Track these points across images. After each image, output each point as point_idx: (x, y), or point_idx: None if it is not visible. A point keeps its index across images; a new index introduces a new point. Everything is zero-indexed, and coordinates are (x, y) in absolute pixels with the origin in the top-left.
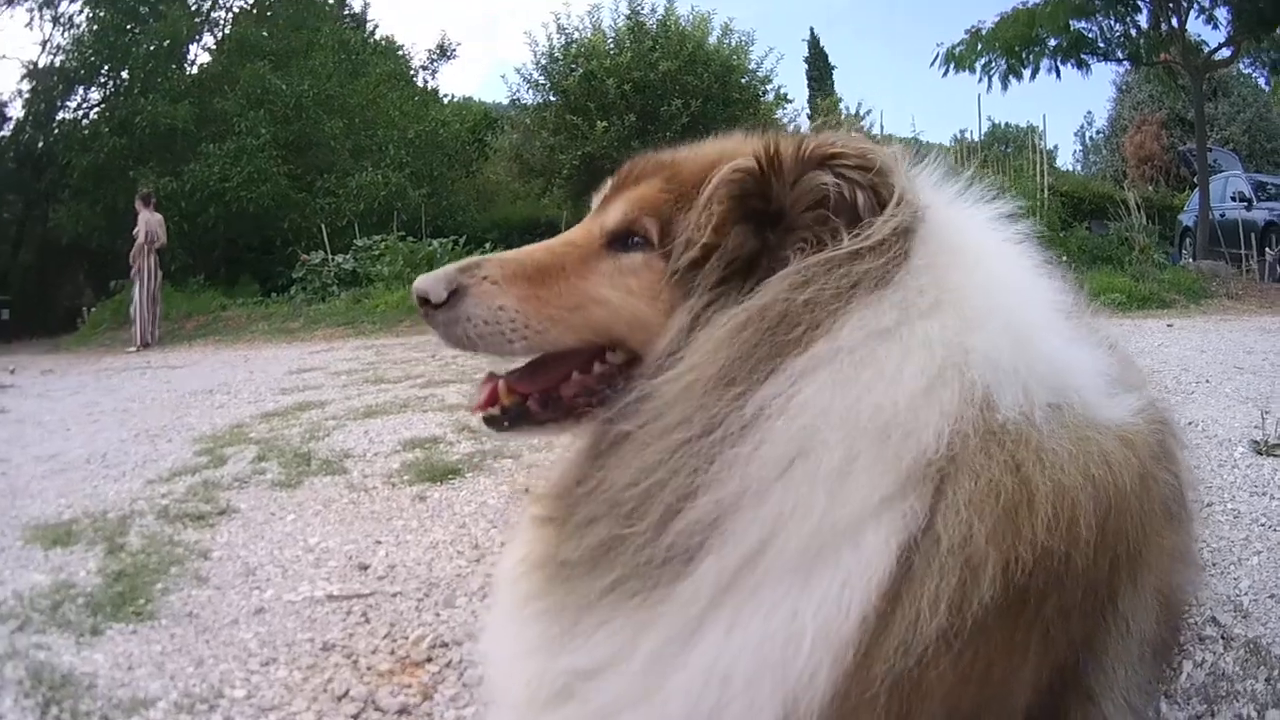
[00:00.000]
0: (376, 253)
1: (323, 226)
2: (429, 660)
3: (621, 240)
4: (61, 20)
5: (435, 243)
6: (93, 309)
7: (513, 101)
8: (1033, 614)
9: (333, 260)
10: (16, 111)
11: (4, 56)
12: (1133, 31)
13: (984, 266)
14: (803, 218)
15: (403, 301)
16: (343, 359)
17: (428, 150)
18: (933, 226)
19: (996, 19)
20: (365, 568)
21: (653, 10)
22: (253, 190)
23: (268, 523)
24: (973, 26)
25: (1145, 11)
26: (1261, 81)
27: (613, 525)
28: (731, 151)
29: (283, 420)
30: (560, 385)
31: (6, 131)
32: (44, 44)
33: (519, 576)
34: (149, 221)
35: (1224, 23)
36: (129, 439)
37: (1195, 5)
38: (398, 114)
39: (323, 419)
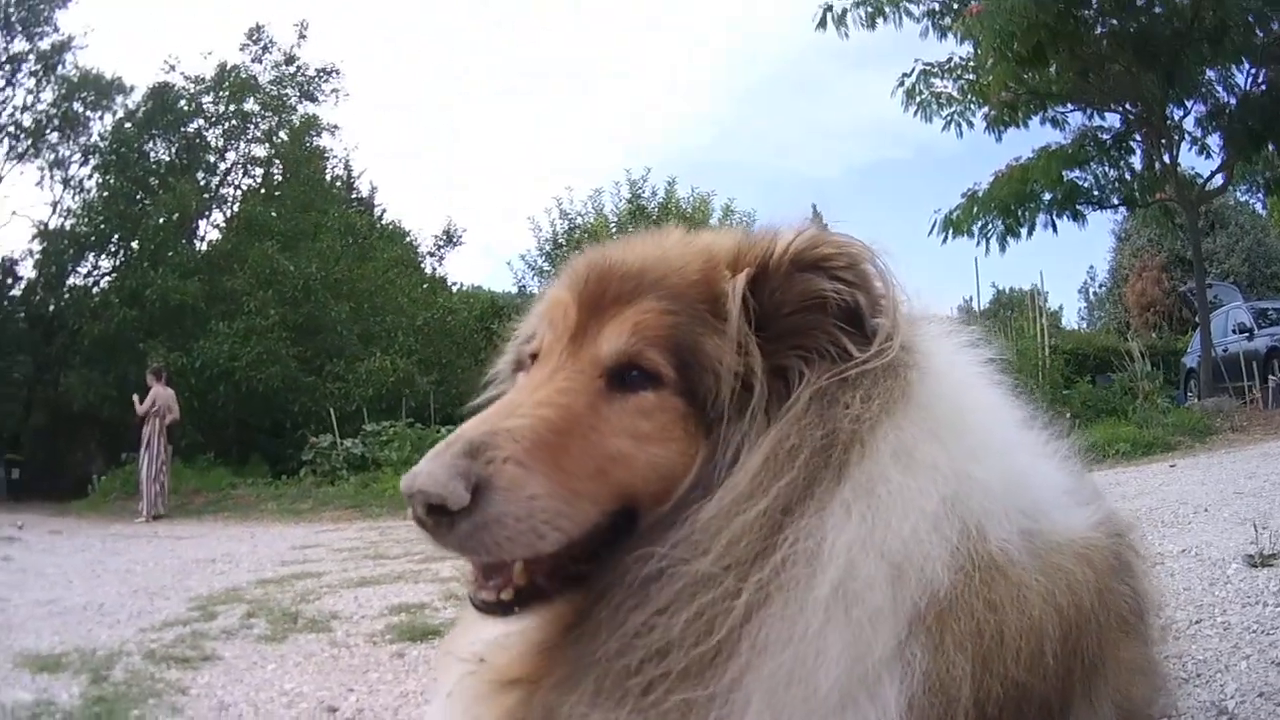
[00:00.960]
0: (385, 438)
1: (332, 410)
2: None
3: (627, 379)
4: (72, 183)
5: (444, 429)
6: (103, 477)
7: (520, 289)
8: None
9: (341, 444)
10: (27, 271)
11: (14, 214)
12: (1127, 175)
13: (970, 392)
14: (797, 322)
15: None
16: (347, 538)
17: (436, 337)
18: (930, 357)
19: (991, 179)
20: (334, 710)
21: (653, 193)
22: (262, 370)
23: (249, 669)
24: (969, 189)
25: (1138, 153)
26: (1258, 206)
27: (662, 665)
28: (712, 253)
29: (278, 586)
30: (570, 552)
31: (17, 291)
32: (54, 205)
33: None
34: (160, 395)
35: (1216, 150)
36: (128, 594)
37: (1187, 137)
38: (406, 300)
39: (317, 586)
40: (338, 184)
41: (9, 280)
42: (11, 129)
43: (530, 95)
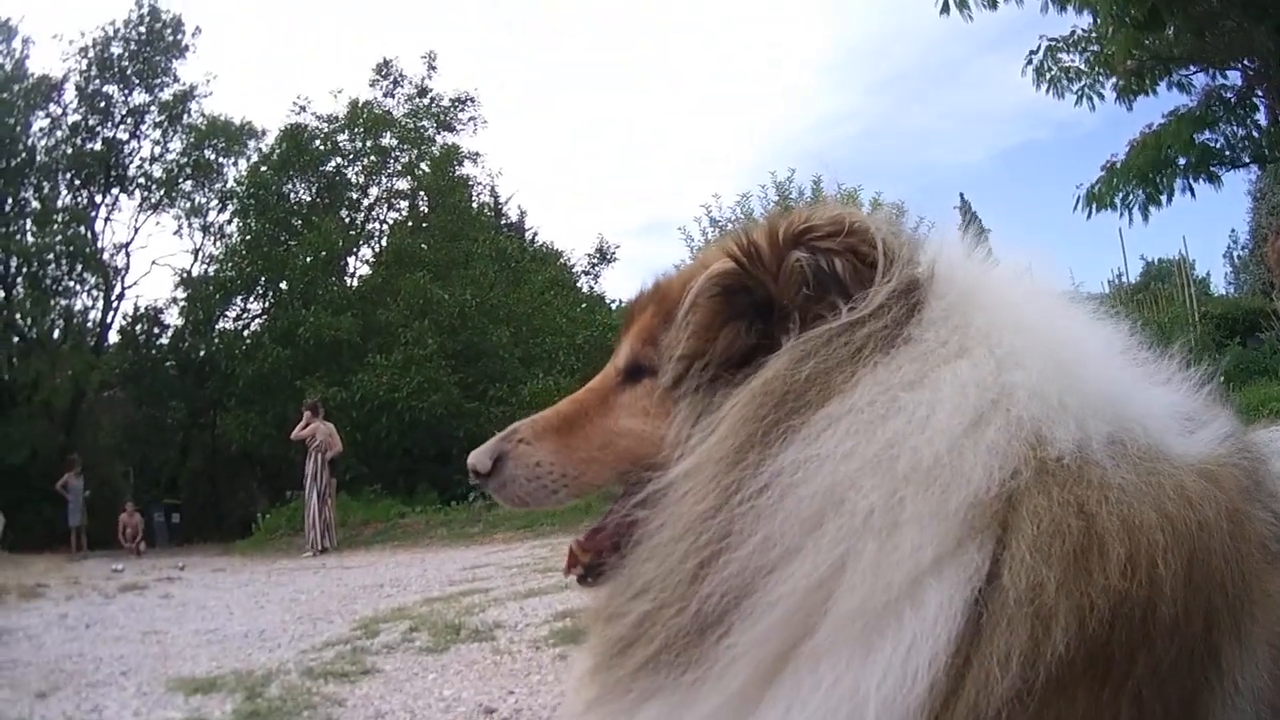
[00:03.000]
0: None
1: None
2: None
3: (634, 373)
4: (211, 229)
5: None
6: (267, 515)
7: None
8: (1120, 674)
9: None
10: (173, 319)
11: (154, 263)
12: (1254, 133)
13: (1013, 310)
14: (792, 299)
15: (580, 503)
16: (517, 556)
17: (597, 355)
18: (947, 279)
19: (1127, 149)
20: (491, 712)
21: (800, 193)
22: (424, 400)
23: (408, 680)
24: (1107, 161)
25: (1262, 109)
26: None
27: (642, 604)
28: (715, 259)
29: (444, 603)
30: (621, 527)
31: (165, 340)
32: (195, 252)
33: (581, 671)
34: (319, 430)
35: None
36: (290, 620)
37: None
38: (564, 320)
39: (484, 600)
40: (485, 211)
41: (155, 329)
42: (142, 181)
43: (669, 106)
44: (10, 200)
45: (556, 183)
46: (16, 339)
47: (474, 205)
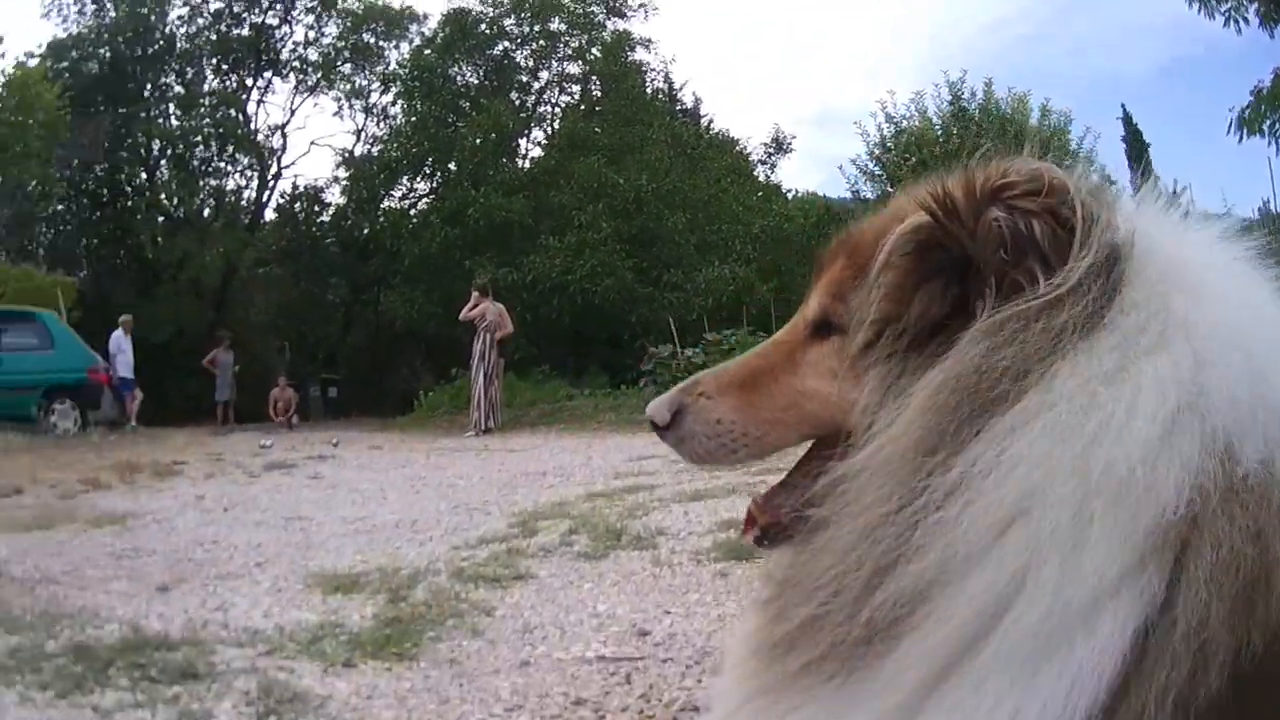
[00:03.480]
0: (726, 347)
1: (671, 320)
2: None
3: (822, 329)
4: (374, 111)
5: None
6: (429, 393)
7: (854, 194)
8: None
9: (682, 354)
10: (335, 198)
11: (313, 144)
12: None
13: (1216, 293)
14: (989, 263)
15: None
16: None
17: (773, 245)
18: (1147, 253)
19: (1271, 77)
20: (645, 634)
21: (972, 94)
22: (597, 283)
23: (562, 589)
24: (1255, 86)
25: None
26: None
27: (811, 607)
28: (906, 209)
29: (607, 500)
30: (801, 497)
31: (326, 218)
32: (357, 133)
33: (740, 655)
34: (489, 310)
35: None
36: (446, 510)
37: None
38: (740, 209)
39: (648, 500)
40: (660, 97)
41: (316, 208)
42: (296, 64)
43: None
44: (150, 86)
45: (731, 71)
46: (162, 218)
47: (647, 91)
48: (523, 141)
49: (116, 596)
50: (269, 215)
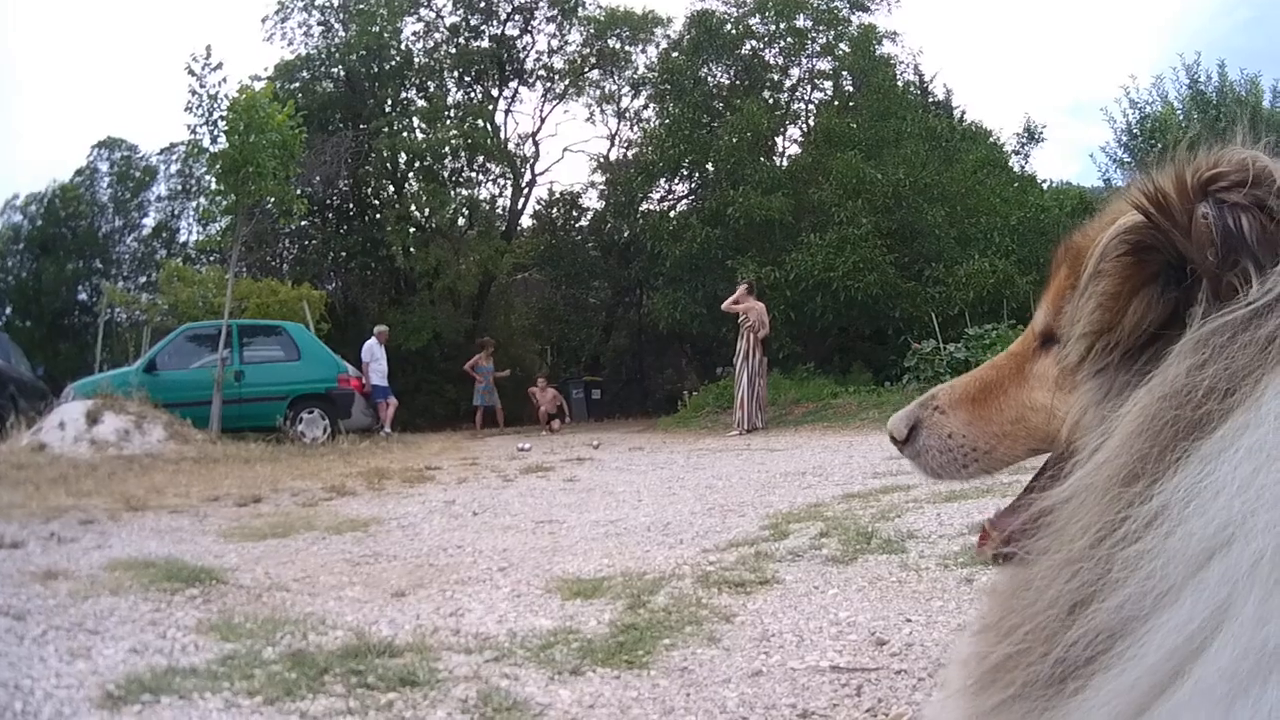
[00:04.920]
0: (988, 341)
1: (933, 315)
2: None
3: (1048, 340)
4: (626, 115)
5: None
6: (695, 393)
7: (1105, 182)
8: None
9: (944, 349)
10: (592, 202)
11: (566, 150)
12: None
13: None
14: (1204, 266)
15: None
16: None
17: (1031, 236)
18: None
19: None
20: (883, 643)
21: (1208, 78)
22: (859, 279)
23: (807, 595)
24: None
25: None
26: None
27: (1010, 644)
28: (1122, 212)
29: (862, 501)
30: (1028, 518)
31: (584, 222)
32: (611, 138)
33: (955, 684)
34: (752, 309)
35: None
36: (700, 512)
37: None
38: (997, 200)
39: (902, 501)
40: (911, 90)
41: (574, 213)
42: (542, 73)
43: None
44: (391, 101)
45: (980, 61)
46: (413, 229)
47: (898, 85)
48: (779, 139)
49: (347, 603)
50: (525, 222)
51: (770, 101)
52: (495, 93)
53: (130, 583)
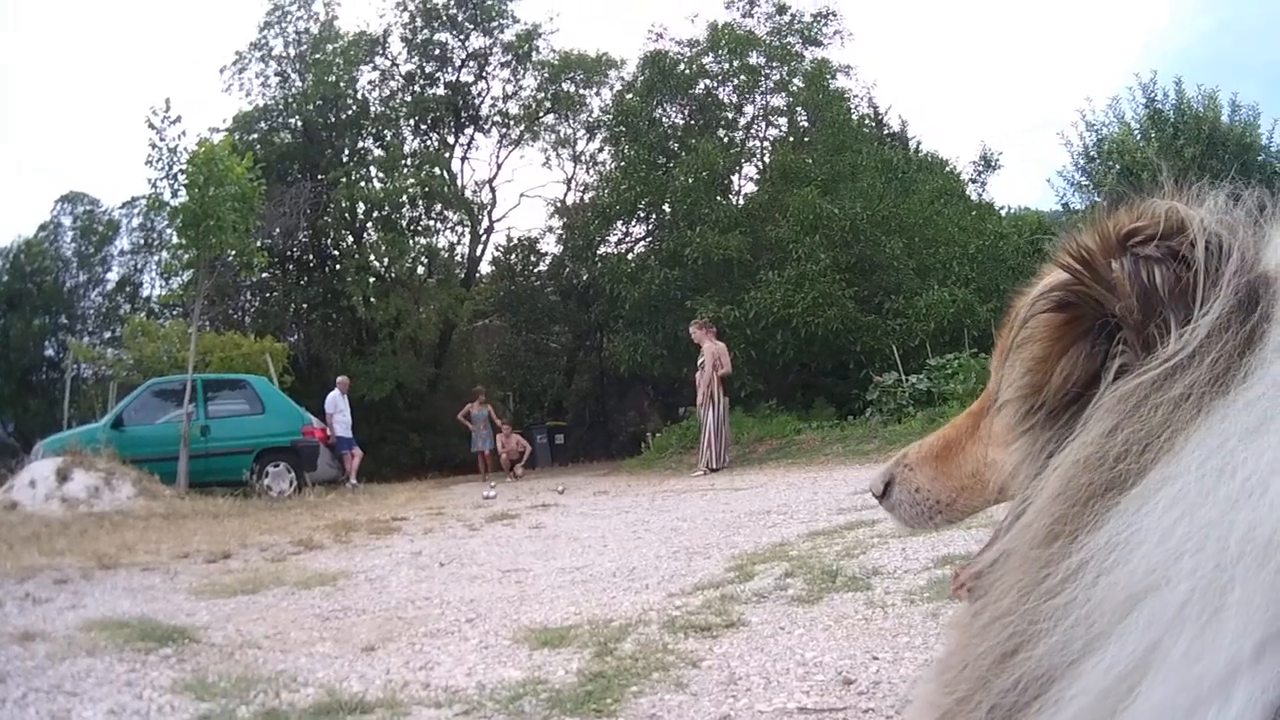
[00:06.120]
0: (950, 371)
1: (895, 347)
2: None
3: (998, 398)
4: (582, 159)
5: None
6: (658, 434)
7: (1064, 206)
8: None
9: (907, 380)
10: (550, 247)
11: (523, 196)
12: None
13: None
14: (1126, 321)
15: None
16: None
17: (990, 264)
18: None
19: None
20: (850, 683)
21: (1165, 94)
22: (819, 315)
23: (773, 636)
24: None
25: None
26: None
27: (953, 695)
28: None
29: (827, 539)
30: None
31: (543, 267)
32: (568, 182)
33: None
34: (710, 350)
35: None
36: (665, 555)
37: None
38: (955, 229)
39: (867, 537)
40: (866, 123)
41: (532, 258)
42: (498, 119)
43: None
44: (348, 150)
45: (936, 90)
46: (373, 279)
47: (853, 118)
48: (734, 178)
49: (319, 659)
50: (484, 268)
51: (725, 140)
52: (451, 140)
53: (105, 643)
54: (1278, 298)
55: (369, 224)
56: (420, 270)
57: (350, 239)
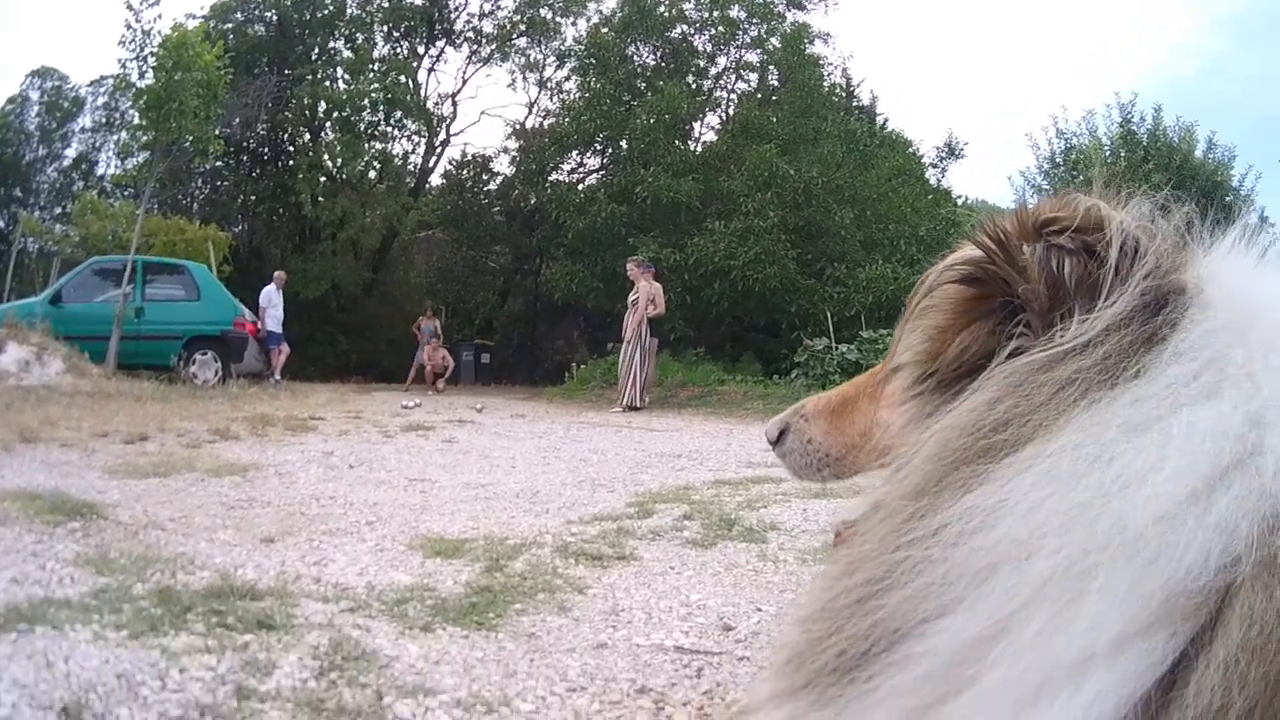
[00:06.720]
0: (881, 346)
1: (829, 314)
2: None
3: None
4: (548, 85)
5: None
6: (583, 365)
7: (1020, 205)
8: None
9: (837, 349)
10: (503, 168)
11: (483, 113)
12: None
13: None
14: (1029, 304)
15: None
16: None
17: (939, 248)
18: (1218, 299)
19: None
20: (729, 629)
21: (1142, 119)
22: (759, 270)
23: (662, 574)
24: None
25: None
26: None
27: (803, 635)
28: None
29: (731, 489)
30: None
31: (493, 186)
32: (530, 106)
33: (775, 662)
34: (648, 290)
35: None
36: (570, 483)
37: None
38: (909, 209)
39: (771, 493)
40: (837, 91)
41: (484, 176)
42: (470, 35)
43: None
44: (318, 49)
45: (907, 73)
46: (324, 179)
47: (825, 85)
48: (696, 125)
49: (218, 545)
50: (435, 180)
51: (693, 86)
52: (421, 50)
53: (16, 514)
54: (1187, 309)
55: (328, 124)
56: (371, 175)
57: (307, 136)
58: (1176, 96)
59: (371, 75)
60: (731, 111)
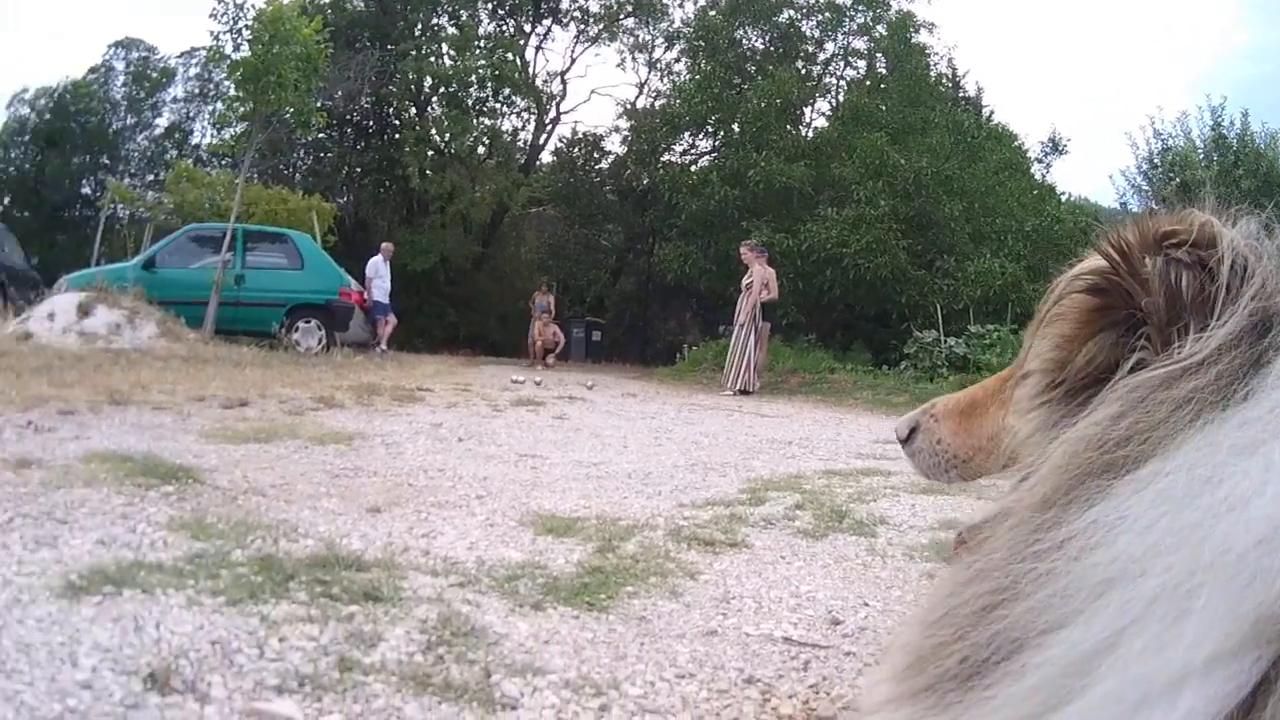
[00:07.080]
0: (988, 341)
1: (939, 307)
2: (833, 718)
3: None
4: (658, 66)
5: None
6: (695, 347)
7: (1122, 205)
8: None
9: (945, 342)
10: (614, 146)
11: (593, 92)
12: None
13: None
14: (1150, 317)
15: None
16: None
17: (1044, 245)
18: None
19: None
20: (837, 623)
21: (1231, 123)
22: (871, 259)
23: (772, 563)
24: None
25: None
26: None
27: (932, 636)
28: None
29: (842, 479)
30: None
31: (605, 165)
32: (640, 86)
33: (893, 664)
34: (762, 274)
35: None
36: (682, 466)
37: None
38: (1015, 204)
39: (881, 485)
40: (943, 82)
41: (595, 154)
42: (577, 14)
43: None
44: (421, 25)
45: (1011, 66)
46: (432, 153)
47: (931, 74)
48: (806, 110)
49: (322, 514)
50: (545, 158)
51: (802, 72)
52: (528, 28)
53: (105, 475)
54: None
55: (434, 98)
56: (480, 150)
57: (413, 110)
58: (1267, 102)
59: (478, 52)
60: (841, 98)
